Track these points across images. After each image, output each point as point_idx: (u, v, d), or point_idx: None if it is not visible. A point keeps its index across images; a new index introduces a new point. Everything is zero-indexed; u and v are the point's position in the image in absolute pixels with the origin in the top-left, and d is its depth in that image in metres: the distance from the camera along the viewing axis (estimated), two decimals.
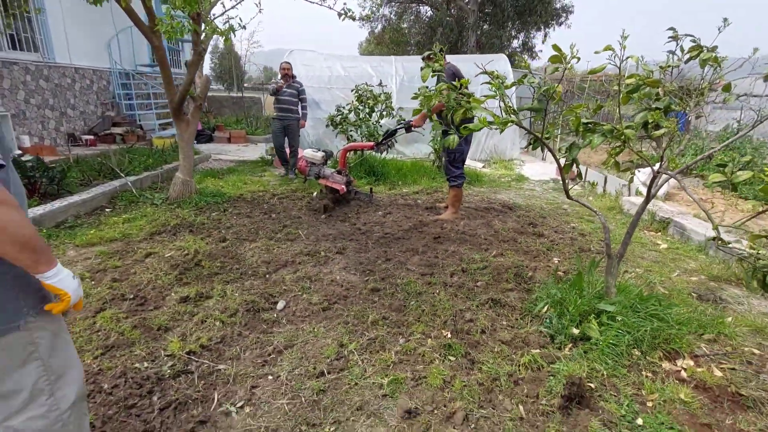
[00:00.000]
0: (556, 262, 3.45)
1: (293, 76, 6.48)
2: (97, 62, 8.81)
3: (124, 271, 3.11)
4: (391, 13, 20.78)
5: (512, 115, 2.06)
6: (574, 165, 2.44)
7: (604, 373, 2.03)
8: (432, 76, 2.26)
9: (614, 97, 2.29)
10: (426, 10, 21.46)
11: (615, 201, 5.49)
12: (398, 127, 5.01)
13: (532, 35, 19.86)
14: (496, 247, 3.72)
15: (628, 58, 1.87)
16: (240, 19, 4.20)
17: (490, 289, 2.92)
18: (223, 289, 2.86)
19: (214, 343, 2.29)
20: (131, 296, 2.76)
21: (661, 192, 5.41)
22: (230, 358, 2.19)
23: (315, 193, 5.30)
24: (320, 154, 4.99)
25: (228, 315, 2.54)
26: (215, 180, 6.12)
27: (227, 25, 4.37)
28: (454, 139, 2.16)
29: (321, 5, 5.10)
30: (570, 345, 2.28)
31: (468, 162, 8.38)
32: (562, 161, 2.37)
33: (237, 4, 4.88)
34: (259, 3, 4.98)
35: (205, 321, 2.49)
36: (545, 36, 19.22)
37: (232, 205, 4.89)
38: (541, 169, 8.16)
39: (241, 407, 1.87)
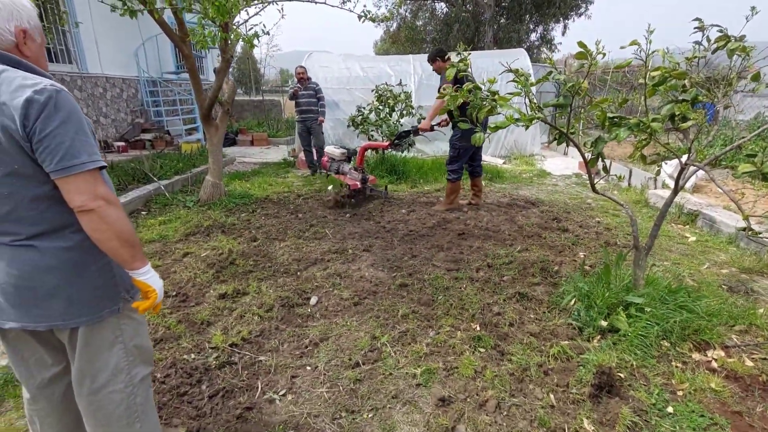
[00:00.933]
0: (582, 256, 3.47)
1: (308, 78, 6.75)
2: (125, 71, 9.18)
3: (164, 270, 3.28)
4: (406, 11, 20.79)
5: (538, 112, 2.11)
6: (600, 159, 2.47)
7: (634, 363, 2.07)
8: (459, 76, 2.33)
9: (638, 90, 2.31)
10: (441, 7, 21.38)
11: (641, 194, 5.42)
12: (408, 129, 5.18)
13: (550, 27, 19.55)
14: (520, 243, 3.76)
15: (654, 52, 1.90)
16: (263, 25, 4.34)
17: (517, 283, 2.97)
18: (258, 286, 3.00)
19: (254, 336, 2.42)
20: (174, 293, 2.92)
21: (688, 184, 5.31)
22: (270, 350, 2.31)
23: (330, 187, 5.45)
24: (340, 150, 5.20)
25: (265, 310, 2.68)
26: (242, 182, 6.32)
27: (252, 31, 4.53)
28: (480, 136, 2.22)
29: (341, 8, 5.21)
30: (598, 337, 2.32)
31: (488, 158, 8.40)
32: (588, 156, 2.40)
33: (260, 11, 5.04)
34: (282, 9, 5.12)
35: (244, 316, 2.63)
36: (565, 28, 18.89)
37: (259, 206, 5.06)
38: (563, 164, 8.08)
39: (284, 395, 1.98)
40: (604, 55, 1.90)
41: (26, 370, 1.38)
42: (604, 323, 2.37)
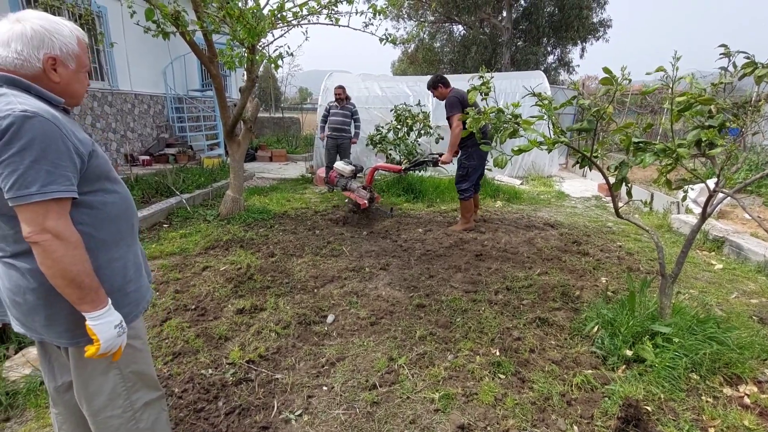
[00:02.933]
0: (604, 281, 3.39)
1: (347, 98, 6.96)
2: (153, 88, 9.53)
3: (184, 283, 3.33)
4: (424, 33, 21.19)
5: (561, 136, 2.11)
6: (623, 184, 2.44)
7: (662, 396, 1.99)
8: (482, 99, 2.35)
9: (660, 114, 2.28)
10: (459, 29, 21.74)
11: (663, 219, 5.30)
12: (426, 159, 5.17)
13: (568, 50, 19.66)
14: (539, 266, 3.70)
15: (681, 78, 1.89)
16: (288, 46, 4.47)
17: (537, 307, 2.91)
18: (275, 302, 3.01)
19: (270, 353, 2.41)
20: (193, 307, 2.95)
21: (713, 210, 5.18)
22: (286, 368, 2.30)
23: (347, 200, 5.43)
24: (350, 167, 5.20)
25: (282, 327, 2.68)
26: (261, 197, 6.42)
27: (276, 53, 4.67)
28: (503, 159, 2.23)
29: (363, 31, 5.34)
30: (623, 366, 2.24)
31: (505, 179, 8.37)
32: (612, 180, 2.37)
33: (285, 32, 5.21)
34: (306, 31, 5.28)
35: (261, 332, 2.63)
36: (583, 51, 18.95)
37: (277, 221, 5.12)
38: (582, 185, 7.99)
39: (300, 415, 1.96)
40: (630, 81, 1.90)
41: (49, 371, 1.41)
42: (629, 353, 2.30)
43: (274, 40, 5.31)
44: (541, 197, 6.89)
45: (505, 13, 18.52)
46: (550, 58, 19.99)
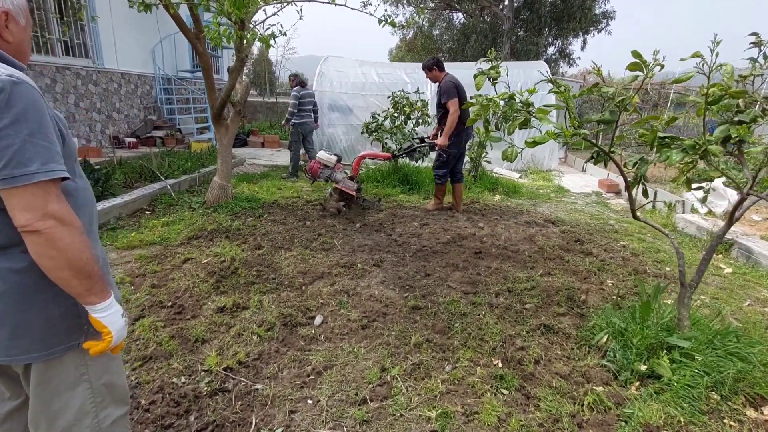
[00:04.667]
0: (611, 284, 3.20)
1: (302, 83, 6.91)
2: (141, 68, 9.12)
3: (162, 277, 3.09)
4: (423, 20, 20.70)
5: (578, 128, 1.88)
6: (639, 182, 2.24)
7: (681, 419, 1.80)
8: (492, 84, 2.11)
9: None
10: (458, 17, 21.28)
11: (667, 218, 5.13)
12: (421, 145, 4.99)
13: (569, 42, 19.33)
14: (542, 266, 3.50)
15: (720, 66, 1.66)
16: (281, 25, 4.17)
17: (540, 312, 2.72)
18: (259, 300, 2.78)
19: (251, 359, 2.20)
20: (169, 304, 2.72)
21: (719, 210, 5.02)
22: (267, 376, 2.09)
23: (328, 194, 5.15)
24: (335, 157, 4.92)
25: (265, 329, 2.46)
26: (250, 185, 6.14)
27: (269, 31, 4.37)
28: (513, 151, 2.00)
29: (362, 12, 5.03)
30: (637, 383, 2.06)
31: (504, 171, 8.15)
32: (630, 177, 2.16)
33: (279, 10, 4.89)
34: (300, 9, 4.96)
35: (242, 334, 2.41)
36: (584, 42, 18.64)
37: (266, 211, 4.87)
38: (581, 181, 7.81)
39: None
40: (662, 66, 1.67)
41: None
42: (642, 367, 2.11)
43: (267, 18, 5.00)
44: (541, 192, 6.70)
45: (506, 2, 18.10)
46: (551, 50, 19.66)
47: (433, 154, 5.29)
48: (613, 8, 17.72)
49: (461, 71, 9.44)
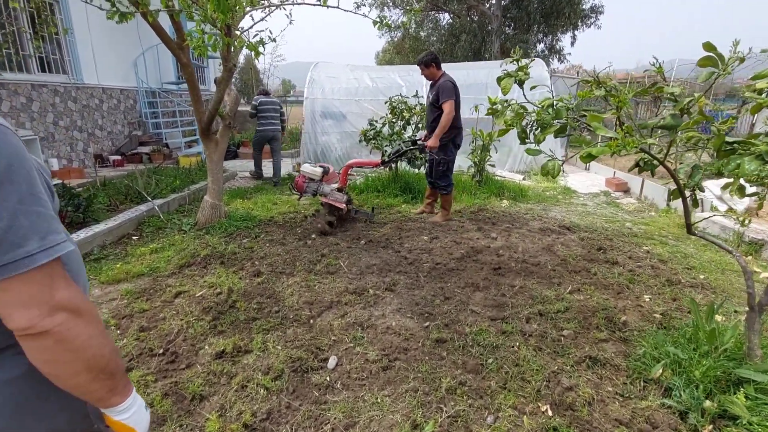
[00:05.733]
0: (648, 300, 2.93)
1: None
2: (124, 81, 8.75)
3: (152, 317, 2.75)
4: (412, 21, 20.51)
5: (633, 135, 1.60)
6: (693, 191, 1.97)
7: None
8: (521, 87, 1.83)
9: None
10: (445, 17, 21.11)
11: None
12: (410, 148, 4.77)
13: (558, 38, 19.24)
14: (568, 281, 3.22)
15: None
16: (270, 31, 3.87)
17: (581, 339, 2.43)
18: (263, 341, 2.46)
19: (258, 420, 1.88)
20: (161, 351, 2.39)
21: (741, 207, 4.79)
22: None
23: (316, 211, 4.82)
24: (320, 169, 4.58)
25: (272, 378, 2.14)
26: (244, 201, 5.81)
27: (257, 38, 4.06)
28: (556, 166, 1.71)
29: (355, 13, 4.75)
30: (710, 426, 1.77)
31: (506, 174, 7.89)
32: (687, 191, 1.88)
33: (267, 15, 4.58)
34: (290, 14, 4.67)
35: (246, 386, 2.09)
36: (574, 38, 18.56)
37: (263, 230, 4.54)
38: (587, 180, 7.57)
39: None
40: (743, 60, 1.40)
41: None
42: (711, 405, 1.83)
43: (255, 23, 4.69)
44: (548, 194, 6.44)
45: (494, 0, 17.96)
46: (540, 46, 19.56)
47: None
48: (601, 3, 17.66)
49: (454, 72, 9.21)
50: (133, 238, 4.36)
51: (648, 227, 4.75)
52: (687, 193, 1.91)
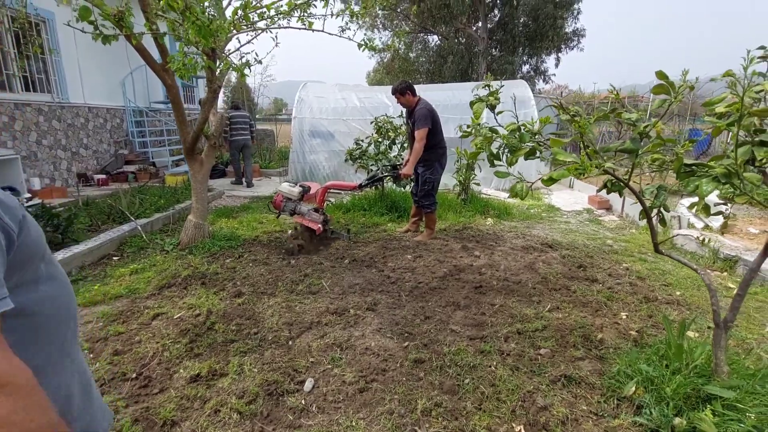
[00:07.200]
0: (625, 317, 2.96)
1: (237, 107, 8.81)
2: (111, 101, 8.76)
3: (127, 340, 2.71)
4: (400, 43, 20.98)
5: (596, 158, 1.66)
6: (659, 211, 2.03)
7: None
8: (492, 111, 1.89)
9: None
10: (434, 39, 21.66)
11: (664, 234, 4.98)
12: (386, 175, 5.03)
13: (542, 59, 19.81)
14: (548, 299, 3.25)
15: (757, 85, 1.47)
16: (256, 53, 3.94)
17: (557, 358, 2.45)
18: (239, 363, 2.43)
19: None
20: (134, 375, 2.34)
21: (716, 224, 4.91)
22: None
23: (290, 232, 4.83)
24: (297, 189, 4.57)
25: (246, 402, 2.11)
26: (229, 220, 5.79)
27: (243, 60, 4.12)
28: (523, 188, 1.76)
29: (340, 37, 4.87)
30: None
31: (491, 192, 8.00)
32: (651, 210, 1.94)
33: (252, 39, 4.67)
34: (276, 37, 4.76)
35: (220, 411, 2.06)
36: (557, 60, 19.12)
37: (247, 249, 4.52)
38: (570, 198, 7.71)
39: None
40: (692, 88, 1.47)
41: None
42: (680, 422, 1.85)
43: (241, 46, 4.77)
44: (532, 212, 6.53)
45: (480, 23, 18.51)
46: (526, 68, 20.11)
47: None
48: (583, 26, 18.30)
49: (440, 93, 9.42)
50: (114, 258, 4.30)
51: (628, 244, 4.83)
52: (653, 213, 1.97)
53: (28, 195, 5.93)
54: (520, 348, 2.55)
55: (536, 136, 1.81)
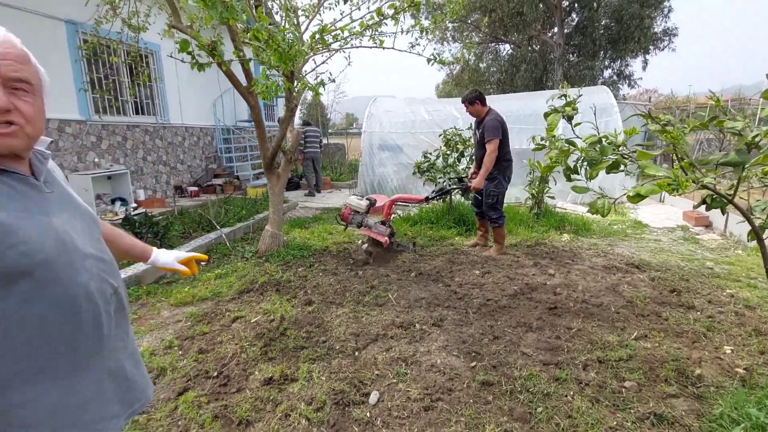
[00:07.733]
0: (729, 352, 2.59)
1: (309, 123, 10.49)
2: (203, 121, 9.74)
3: (210, 340, 2.94)
4: (469, 55, 20.76)
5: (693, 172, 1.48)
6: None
7: None
8: (572, 122, 1.79)
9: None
10: (505, 48, 21.13)
11: None
12: (453, 187, 4.95)
13: (627, 63, 18.38)
14: (634, 325, 2.96)
15: None
16: (330, 73, 4.14)
17: (645, 392, 2.20)
18: (309, 370, 2.52)
19: None
20: (215, 373, 2.53)
21: None
22: None
23: (359, 242, 4.87)
24: (365, 202, 4.62)
25: (314, 409, 2.17)
26: (302, 230, 6.09)
27: (318, 80, 4.36)
28: (605, 204, 1.63)
29: (410, 52, 4.95)
30: None
31: (569, 206, 7.52)
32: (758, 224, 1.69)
33: (327, 59, 4.93)
34: (349, 56, 4.98)
35: (290, 415, 2.14)
36: (645, 62, 17.61)
37: (317, 259, 4.71)
38: (662, 213, 6.98)
39: None
40: None
41: None
42: None
43: (316, 66, 5.06)
44: (615, 228, 6.02)
45: (556, 29, 17.72)
46: (608, 72, 18.79)
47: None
48: (675, 25, 16.70)
49: (512, 102, 9.13)
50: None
51: (733, 267, 4.24)
52: (765, 233, 1.71)
53: (135, 205, 6.76)
54: (600, 378, 2.34)
55: (620, 148, 1.67)
